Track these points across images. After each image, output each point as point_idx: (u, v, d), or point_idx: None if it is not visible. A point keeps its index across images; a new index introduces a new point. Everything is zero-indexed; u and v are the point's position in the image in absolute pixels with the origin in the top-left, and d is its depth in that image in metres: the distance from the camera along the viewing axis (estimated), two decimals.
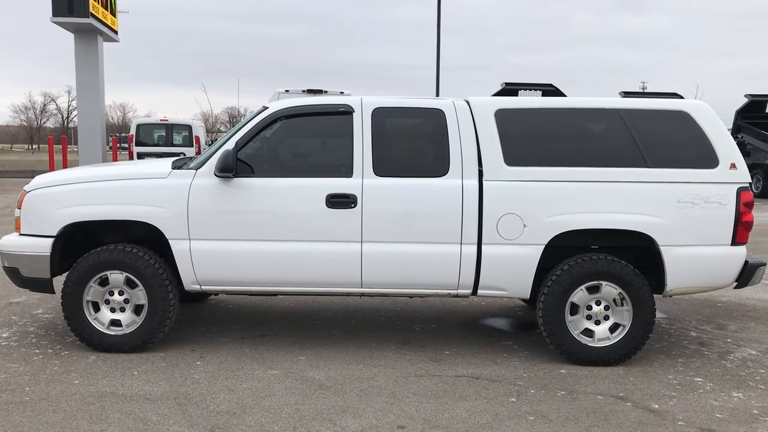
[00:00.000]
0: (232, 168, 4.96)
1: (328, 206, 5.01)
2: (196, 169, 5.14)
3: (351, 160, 5.10)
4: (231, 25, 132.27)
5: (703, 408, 4.36)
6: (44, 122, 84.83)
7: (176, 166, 5.29)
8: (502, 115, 5.15)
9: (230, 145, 5.13)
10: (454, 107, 5.21)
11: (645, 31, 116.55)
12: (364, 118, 5.16)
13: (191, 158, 5.65)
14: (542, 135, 5.20)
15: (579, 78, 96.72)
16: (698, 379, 4.89)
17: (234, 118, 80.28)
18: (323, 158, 5.62)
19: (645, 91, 33.86)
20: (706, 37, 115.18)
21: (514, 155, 5.07)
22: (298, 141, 5.59)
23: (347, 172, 5.09)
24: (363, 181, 5.04)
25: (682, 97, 22.56)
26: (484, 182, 5.03)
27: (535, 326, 6.21)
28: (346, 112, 5.20)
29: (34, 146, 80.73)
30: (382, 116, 5.21)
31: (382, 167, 5.09)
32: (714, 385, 4.78)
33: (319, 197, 5.02)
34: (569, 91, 23.29)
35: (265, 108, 5.33)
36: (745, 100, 21.47)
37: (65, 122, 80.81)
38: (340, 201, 5.02)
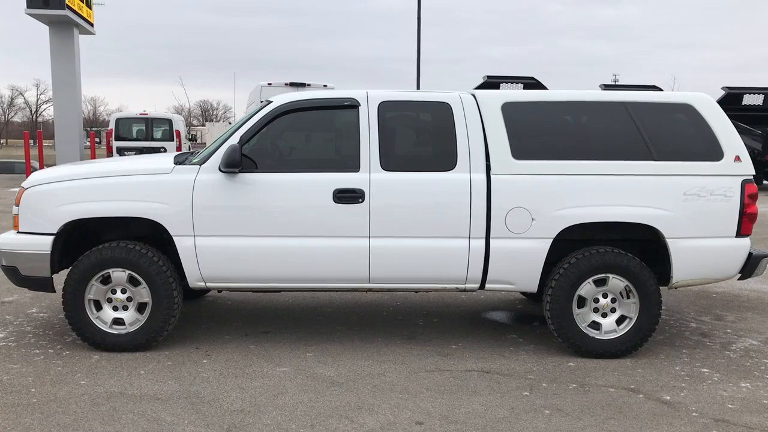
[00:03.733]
0: (238, 163, 4.88)
1: (335, 201, 4.96)
2: (200, 165, 5.05)
3: (358, 154, 5.04)
4: (202, 17, 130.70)
5: (714, 399, 4.41)
6: (12, 116, 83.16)
7: (178, 161, 5.19)
8: (509, 109, 5.14)
9: (235, 139, 5.04)
10: (460, 100, 5.17)
11: (616, 22, 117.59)
12: (371, 112, 5.11)
13: (192, 153, 5.55)
14: (549, 128, 5.21)
15: (554, 70, 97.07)
16: (705, 369, 4.94)
17: (207, 112, 79.36)
18: (329, 153, 5.55)
19: (618, 83, 34.17)
20: (676, 29, 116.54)
21: (522, 149, 5.05)
22: (303, 135, 5.52)
23: (354, 166, 5.03)
24: (370, 175, 4.99)
25: (661, 90, 22.84)
26: (492, 176, 5.01)
27: (536, 319, 6.23)
28: (352, 105, 5.14)
29: (2, 141, 79.02)
30: (388, 110, 5.16)
31: (389, 161, 5.04)
32: (721, 375, 4.83)
33: (326, 192, 4.96)
34: (548, 84, 23.43)
35: (269, 102, 5.25)
36: (723, 92, 21.76)
37: (34, 116, 79.32)
38: (347, 196, 4.96)
